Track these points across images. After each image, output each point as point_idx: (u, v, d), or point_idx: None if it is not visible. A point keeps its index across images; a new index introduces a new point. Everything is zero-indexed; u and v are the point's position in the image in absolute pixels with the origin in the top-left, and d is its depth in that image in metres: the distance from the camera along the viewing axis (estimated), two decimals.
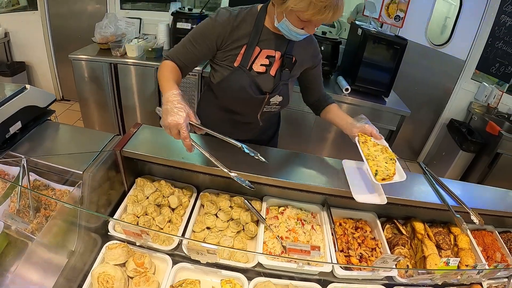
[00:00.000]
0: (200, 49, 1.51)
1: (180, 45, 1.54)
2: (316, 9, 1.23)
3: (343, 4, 1.28)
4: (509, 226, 1.94)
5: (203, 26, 1.50)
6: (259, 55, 1.53)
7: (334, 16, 1.28)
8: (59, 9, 4.22)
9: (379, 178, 1.37)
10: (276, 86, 1.59)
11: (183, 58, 1.52)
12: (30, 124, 1.61)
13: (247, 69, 1.52)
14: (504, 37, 4.05)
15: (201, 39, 1.49)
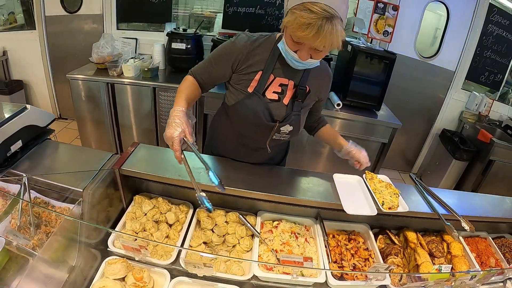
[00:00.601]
0: (218, 70, 1.58)
1: (202, 63, 1.63)
2: (298, 24, 1.22)
3: (334, 33, 1.22)
4: (503, 232, 1.98)
5: (222, 48, 1.56)
6: (272, 82, 1.56)
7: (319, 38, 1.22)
8: (56, 28, 4.28)
9: (386, 207, 1.59)
10: (288, 116, 1.60)
11: (203, 76, 1.61)
12: (31, 143, 1.65)
13: (261, 95, 1.56)
14: (492, 46, 4.17)
15: (219, 61, 1.56)
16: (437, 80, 4.34)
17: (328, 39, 1.22)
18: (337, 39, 1.24)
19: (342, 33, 1.25)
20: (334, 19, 1.20)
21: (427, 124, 4.64)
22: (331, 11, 1.19)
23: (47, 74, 4.53)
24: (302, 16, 1.20)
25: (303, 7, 1.20)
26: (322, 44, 1.25)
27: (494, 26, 4.08)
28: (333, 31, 1.21)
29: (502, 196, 1.97)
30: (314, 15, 1.18)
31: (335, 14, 1.20)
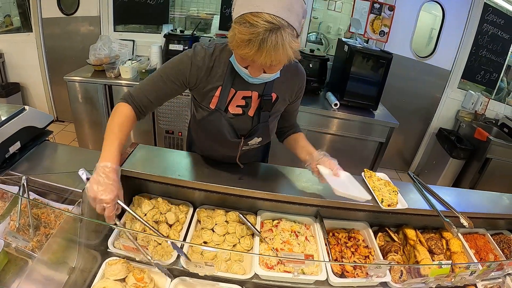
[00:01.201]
0: (171, 87, 1.41)
1: (147, 83, 1.43)
2: (238, 41, 1.08)
3: (279, 45, 1.05)
4: (501, 228, 1.99)
5: (177, 63, 1.40)
6: (234, 96, 1.45)
7: (262, 54, 1.07)
8: (53, 31, 4.27)
9: (385, 204, 1.59)
10: (254, 128, 1.52)
11: (151, 96, 1.42)
12: (29, 144, 1.64)
13: (223, 111, 1.45)
14: (487, 45, 4.20)
15: (175, 77, 1.39)
16: (433, 80, 4.36)
17: (274, 54, 1.07)
18: (286, 52, 1.09)
19: (292, 43, 1.09)
20: (280, 29, 1.04)
21: (424, 123, 4.66)
22: (276, 21, 1.03)
23: (44, 77, 4.52)
24: (241, 31, 1.05)
25: (243, 20, 1.05)
26: (267, 61, 1.10)
27: (489, 25, 4.11)
28: (278, 44, 1.05)
29: (500, 193, 1.98)
30: (253, 29, 1.03)
31: (281, 24, 1.04)
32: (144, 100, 1.41)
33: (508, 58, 4.36)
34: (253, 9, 1.04)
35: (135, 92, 1.42)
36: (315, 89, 3.76)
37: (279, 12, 1.03)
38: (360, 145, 3.64)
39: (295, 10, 1.07)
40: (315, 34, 4.60)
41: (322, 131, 3.54)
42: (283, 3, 1.05)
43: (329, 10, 4.45)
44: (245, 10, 1.05)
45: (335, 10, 4.43)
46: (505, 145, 3.82)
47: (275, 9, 1.03)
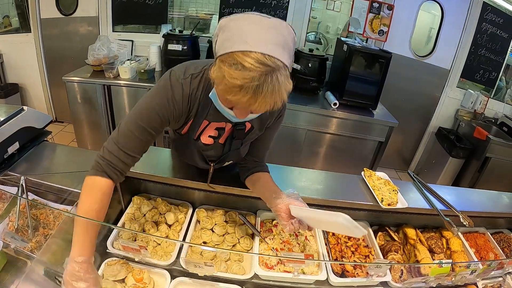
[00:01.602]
0: (152, 136, 1.22)
1: (126, 138, 1.19)
2: (228, 86, 0.92)
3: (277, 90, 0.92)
4: (501, 227, 1.99)
5: (157, 110, 1.19)
6: (207, 127, 1.34)
7: (257, 101, 0.93)
8: (52, 31, 4.26)
9: (385, 204, 1.60)
10: (224, 155, 1.45)
11: (138, 151, 1.22)
12: (28, 144, 1.64)
13: (194, 139, 1.36)
14: (487, 44, 4.19)
15: (160, 124, 1.21)
16: (433, 79, 4.36)
17: (269, 100, 0.93)
18: (281, 97, 0.95)
19: (287, 86, 0.95)
20: (275, 72, 0.90)
21: (423, 123, 4.65)
22: (271, 62, 0.89)
23: (42, 77, 4.51)
24: (232, 75, 0.89)
25: (233, 60, 0.89)
26: (262, 108, 0.96)
27: (488, 24, 4.11)
28: (274, 89, 0.91)
29: (499, 192, 1.98)
30: (247, 73, 0.88)
31: (276, 65, 0.90)
32: (120, 164, 1.19)
33: (507, 57, 4.36)
34: (244, 47, 0.89)
35: (108, 157, 1.18)
36: (314, 88, 3.75)
37: (274, 51, 0.90)
38: (360, 145, 3.64)
39: (288, 46, 0.95)
40: (314, 34, 4.60)
41: (321, 130, 3.54)
42: (277, 39, 0.92)
43: (328, 9, 4.45)
44: (234, 48, 0.90)
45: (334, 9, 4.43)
46: (504, 144, 3.81)
47: (269, 48, 0.89)
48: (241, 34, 0.91)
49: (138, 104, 1.23)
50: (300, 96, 3.60)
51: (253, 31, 0.91)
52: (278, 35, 0.92)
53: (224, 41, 0.94)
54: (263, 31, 0.91)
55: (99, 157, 1.19)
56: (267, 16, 0.95)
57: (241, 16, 0.95)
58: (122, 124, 1.20)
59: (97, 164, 1.18)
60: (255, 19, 0.93)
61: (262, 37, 0.90)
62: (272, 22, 0.94)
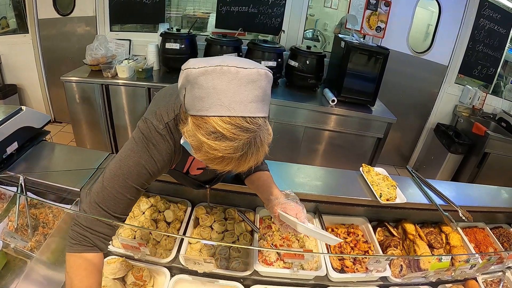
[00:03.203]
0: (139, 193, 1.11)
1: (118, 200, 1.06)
2: (209, 157, 0.83)
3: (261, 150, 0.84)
4: (500, 222, 1.99)
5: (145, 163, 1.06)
6: (194, 161, 1.30)
7: (240, 167, 0.86)
8: (49, 32, 4.25)
9: (383, 199, 1.61)
10: (218, 177, 1.45)
11: (128, 211, 1.12)
12: (26, 144, 1.64)
13: (183, 173, 1.34)
14: (484, 40, 4.20)
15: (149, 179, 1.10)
16: (431, 75, 4.36)
17: (253, 161, 0.85)
18: (264, 152, 0.87)
19: (269, 139, 0.86)
20: (258, 134, 0.81)
21: (422, 119, 4.65)
22: (253, 125, 0.80)
23: (41, 78, 4.50)
24: (212, 146, 0.79)
25: (210, 127, 0.78)
26: (245, 169, 0.87)
27: (486, 20, 4.11)
28: (258, 150, 0.84)
29: (498, 187, 1.99)
30: (229, 144, 0.79)
31: (258, 126, 0.81)
32: (109, 231, 1.07)
33: (506, 52, 4.37)
34: (222, 111, 0.78)
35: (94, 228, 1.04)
36: (312, 85, 3.75)
37: (254, 111, 0.80)
38: (358, 141, 3.64)
39: (267, 96, 0.85)
40: (311, 31, 4.61)
41: (320, 127, 3.54)
42: (256, 95, 0.81)
43: (325, 7, 4.46)
44: (210, 112, 0.79)
45: (332, 7, 4.44)
46: (503, 139, 3.82)
47: (248, 108, 0.79)
48: (216, 94, 0.78)
49: (120, 162, 1.07)
50: (298, 93, 3.61)
51: (230, 90, 0.78)
52: (257, 89, 0.81)
53: (195, 99, 0.81)
54: (241, 88, 0.79)
55: (83, 229, 1.03)
56: (243, 65, 0.80)
57: (212, 69, 0.79)
58: (106, 185, 1.05)
59: (83, 238, 1.03)
60: (230, 75, 0.79)
61: (240, 97, 0.79)
62: (250, 74, 0.80)
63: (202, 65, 0.80)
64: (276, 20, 3.99)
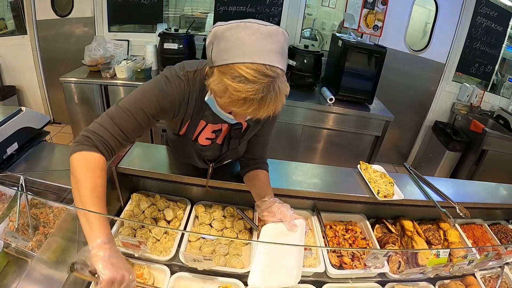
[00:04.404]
0: (152, 119, 1.19)
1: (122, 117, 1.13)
2: (232, 99, 0.95)
3: (279, 97, 0.96)
4: (498, 218, 2.01)
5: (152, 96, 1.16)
6: (204, 129, 1.36)
7: (261, 111, 0.97)
8: (48, 33, 4.25)
9: (381, 196, 1.62)
10: (223, 155, 1.48)
11: (132, 132, 1.16)
12: (26, 145, 1.65)
13: (192, 140, 1.39)
14: (481, 38, 4.21)
15: (158, 111, 1.18)
16: (428, 73, 4.37)
17: (272, 107, 0.97)
18: (282, 101, 0.99)
19: (286, 91, 0.99)
20: (276, 81, 0.94)
21: (420, 117, 4.67)
22: (271, 72, 0.92)
23: (39, 79, 4.50)
24: (236, 88, 0.92)
25: (235, 72, 0.91)
26: (264, 114, 0.99)
27: (483, 18, 4.13)
28: (277, 98, 0.95)
29: (496, 183, 2.00)
30: (251, 86, 0.90)
31: (277, 74, 0.93)
32: (112, 141, 1.12)
33: (503, 50, 4.38)
34: (245, 59, 0.91)
35: (100, 132, 1.10)
36: (310, 84, 3.77)
37: (273, 60, 0.93)
38: (356, 139, 3.65)
39: (284, 52, 0.98)
40: (309, 30, 4.61)
41: (318, 126, 3.55)
42: (275, 47, 0.94)
43: (323, 6, 4.46)
44: (235, 59, 0.92)
45: (329, 6, 4.44)
46: (501, 136, 3.84)
47: (268, 58, 0.92)
48: (240, 45, 0.92)
49: (136, 91, 1.19)
50: (296, 92, 3.62)
51: (252, 41, 0.92)
52: (276, 43, 0.94)
53: (221, 51, 0.95)
54: (262, 40, 0.92)
55: (89, 132, 1.10)
56: (263, 23, 0.95)
57: (236, 24, 0.94)
58: (120, 104, 1.15)
59: (86, 138, 1.08)
60: (252, 28, 0.93)
61: (261, 47, 0.92)
62: (269, 30, 0.94)
63: (228, 23, 0.96)
64: (273, 19, 4.00)
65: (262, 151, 1.55)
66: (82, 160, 1.06)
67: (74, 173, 1.05)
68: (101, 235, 0.98)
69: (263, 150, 1.55)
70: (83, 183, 1.03)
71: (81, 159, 1.06)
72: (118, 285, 0.93)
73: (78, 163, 1.06)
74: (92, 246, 0.96)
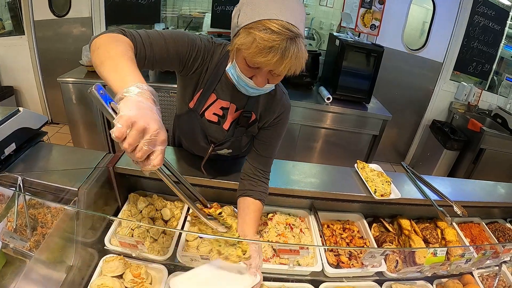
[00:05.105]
0: (177, 55, 1.24)
1: (156, 35, 1.19)
2: (259, 48, 1.01)
3: (299, 55, 1.05)
4: (496, 217, 2.02)
5: (192, 37, 1.27)
6: (214, 103, 1.41)
7: (284, 63, 1.04)
8: (45, 33, 4.25)
9: (378, 194, 1.62)
10: (226, 140, 1.49)
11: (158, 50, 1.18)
12: (24, 145, 1.64)
13: (199, 114, 1.43)
14: (479, 37, 4.23)
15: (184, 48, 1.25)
16: (426, 72, 4.39)
17: (294, 62, 1.05)
18: (302, 61, 1.08)
19: (305, 54, 1.08)
20: (298, 38, 1.03)
21: (417, 116, 4.69)
22: (294, 29, 1.02)
23: (37, 79, 4.49)
24: (263, 38, 1.00)
25: (262, 26, 1.01)
26: (287, 69, 1.07)
27: (480, 17, 4.14)
28: (299, 53, 1.04)
29: (494, 182, 2.01)
30: (276, 36, 1.00)
31: (298, 33, 1.03)
32: (142, 52, 1.14)
33: (501, 49, 4.40)
34: (271, 16, 1.01)
35: (133, 33, 1.13)
36: (307, 84, 3.78)
37: (295, 21, 1.03)
38: (354, 138, 3.66)
39: (303, 21, 1.09)
40: (307, 30, 4.61)
41: (316, 125, 3.56)
42: (297, 14, 1.05)
43: (321, 5, 4.47)
44: (262, 17, 1.02)
45: (327, 5, 4.45)
46: (498, 135, 3.86)
47: (291, 17, 1.02)
48: (266, 5, 1.03)
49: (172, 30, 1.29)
50: (294, 91, 3.62)
51: (277, 3, 1.03)
52: (297, 7, 1.07)
53: (248, 13, 1.05)
54: (285, 3, 1.04)
55: (120, 29, 1.11)
56: None
57: None
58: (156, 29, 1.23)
59: (119, 29, 1.11)
60: None
61: (285, 8, 1.03)
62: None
63: None
64: None
65: (267, 160, 1.53)
66: (112, 36, 1.06)
67: (102, 46, 1.00)
68: (133, 79, 0.88)
69: (267, 160, 1.53)
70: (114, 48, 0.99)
71: (111, 36, 1.06)
72: (137, 132, 0.75)
73: (106, 37, 1.04)
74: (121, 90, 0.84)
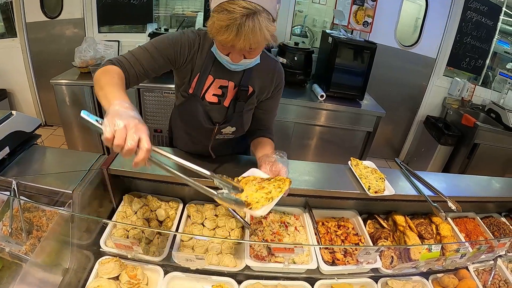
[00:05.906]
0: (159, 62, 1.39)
1: (137, 51, 1.37)
2: (217, 28, 1.13)
3: (256, 29, 1.12)
4: (491, 211, 2.03)
5: (170, 37, 1.40)
6: (212, 85, 1.49)
7: (241, 38, 1.13)
8: (38, 35, 4.23)
9: (372, 191, 1.62)
10: (229, 117, 1.55)
11: (138, 69, 1.35)
12: (18, 148, 1.63)
13: (200, 98, 1.50)
14: (472, 32, 4.25)
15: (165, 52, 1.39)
16: (419, 68, 4.41)
17: (251, 37, 1.13)
18: (262, 36, 1.15)
19: (269, 27, 1.15)
20: (256, 14, 1.10)
21: (411, 112, 4.71)
22: (251, 6, 1.09)
23: (30, 82, 4.47)
24: (220, 18, 1.11)
25: (220, 8, 1.11)
26: (247, 44, 1.16)
27: (473, 12, 4.16)
28: (255, 28, 1.11)
29: (488, 177, 2.02)
30: (231, 15, 1.09)
31: (257, 9, 1.10)
32: (131, 71, 1.33)
33: (494, 44, 4.42)
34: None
35: (122, 60, 1.33)
36: (301, 81, 3.79)
37: (258, 0, 1.10)
38: (348, 135, 3.68)
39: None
40: (300, 28, 4.62)
41: (310, 123, 3.57)
42: None
43: (313, 3, 4.47)
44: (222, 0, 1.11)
45: (320, 3, 4.46)
46: (492, 130, 3.88)
47: None
48: None
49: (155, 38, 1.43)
50: (287, 89, 3.57)
51: None
52: None
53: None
54: None
55: (112, 59, 1.33)
56: None
57: None
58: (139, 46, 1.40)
59: (108, 61, 1.32)
60: None
61: None
62: None
63: None
64: None
65: (270, 122, 1.73)
66: (103, 70, 1.26)
67: (97, 81, 1.20)
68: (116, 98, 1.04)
69: (271, 122, 1.73)
70: (103, 81, 1.18)
71: (102, 70, 1.26)
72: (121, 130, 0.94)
73: (99, 72, 1.25)
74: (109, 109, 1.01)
